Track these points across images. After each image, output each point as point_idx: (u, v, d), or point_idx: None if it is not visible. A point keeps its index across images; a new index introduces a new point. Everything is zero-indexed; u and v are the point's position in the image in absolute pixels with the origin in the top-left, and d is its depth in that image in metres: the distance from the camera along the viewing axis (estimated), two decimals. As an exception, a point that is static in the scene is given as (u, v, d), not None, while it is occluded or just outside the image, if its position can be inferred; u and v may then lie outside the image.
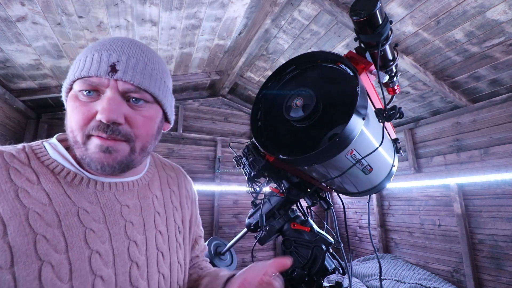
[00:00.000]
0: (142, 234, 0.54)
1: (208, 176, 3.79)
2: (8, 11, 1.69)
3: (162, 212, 0.61)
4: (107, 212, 0.50)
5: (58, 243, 0.43)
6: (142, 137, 0.51)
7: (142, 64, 0.50)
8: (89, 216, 0.48)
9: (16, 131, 2.78)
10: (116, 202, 0.52)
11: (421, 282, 2.66)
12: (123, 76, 0.47)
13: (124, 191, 0.55)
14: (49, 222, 0.43)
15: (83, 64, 0.48)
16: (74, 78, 0.48)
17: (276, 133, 0.79)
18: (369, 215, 0.94)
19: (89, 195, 0.49)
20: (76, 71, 0.48)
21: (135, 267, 0.50)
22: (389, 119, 0.62)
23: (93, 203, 0.49)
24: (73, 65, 0.50)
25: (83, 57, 0.49)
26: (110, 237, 0.49)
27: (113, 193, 0.53)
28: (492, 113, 2.59)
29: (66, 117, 0.50)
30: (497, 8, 1.78)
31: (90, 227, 0.47)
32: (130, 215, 0.53)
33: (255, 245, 0.88)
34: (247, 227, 0.93)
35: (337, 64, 0.72)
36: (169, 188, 0.67)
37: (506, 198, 2.46)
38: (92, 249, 0.46)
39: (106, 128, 0.46)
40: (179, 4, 2.01)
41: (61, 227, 0.44)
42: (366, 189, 0.84)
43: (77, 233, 0.45)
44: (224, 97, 4.09)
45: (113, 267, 0.47)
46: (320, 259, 0.75)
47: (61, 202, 0.46)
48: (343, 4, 2.11)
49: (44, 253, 0.41)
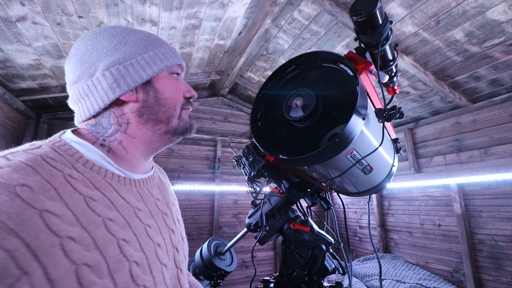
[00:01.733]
0: (173, 223, 0.59)
1: (208, 176, 3.79)
2: (8, 11, 1.69)
3: (175, 204, 0.68)
4: (150, 207, 0.53)
5: (135, 243, 0.45)
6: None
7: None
8: (142, 213, 0.50)
9: (16, 131, 2.78)
10: (151, 197, 0.56)
11: (421, 282, 2.66)
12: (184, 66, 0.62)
13: (152, 186, 0.59)
14: (122, 226, 0.44)
15: (172, 54, 0.58)
16: (175, 63, 0.58)
17: (276, 133, 0.79)
18: (369, 215, 0.94)
19: (134, 193, 0.51)
20: (171, 57, 0.58)
21: (176, 252, 0.56)
22: (389, 119, 0.62)
23: (139, 201, 0.52)
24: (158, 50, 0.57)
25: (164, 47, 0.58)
26: (159, 229, 0.52)
27: (146, 188, 0.56)
28: (492, 113, 2.59)
29: (160, 96, 0.55)
30: (497, 8, 1.78)
31: (147, 223, 0.50)
32: (163, 207, 0.58)
33: (255, 245, 0.88)
34: (247, 227, 0.93)
35: (337, 64, 0.72)
36: (166, 182, 0.73)
37: (506, 198, 2.46)
38: (155, 242, 0.49)
39: (190, 101, 0.61)
40: (179, 4, 2.01)
41: (131, 228, 0.46)
42: (366, 189, 0.84)
43: (142, 230, 0.48)
44: (224, 97, 4.09)
45: (167, 255, 0.52)
46: (320, 259, 0.75)
47: (121, 204, 0.46)
48: (343, 4, 2.11)
49: (130, 255, 0.43)
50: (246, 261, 3.71)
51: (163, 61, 0.56)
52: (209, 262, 0.95)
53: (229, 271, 0.99)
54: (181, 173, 3.65)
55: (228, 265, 1.01)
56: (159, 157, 3.58)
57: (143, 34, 0.58)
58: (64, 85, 2.74)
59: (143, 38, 0.56)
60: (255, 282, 0.80)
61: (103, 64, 0.51)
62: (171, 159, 3.65)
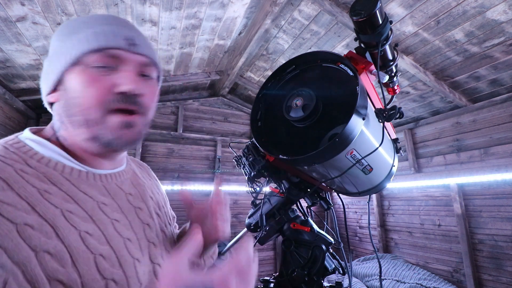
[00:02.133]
0: (150, 217, 0.56)
1: (208, 176, 3.79)
2: (8, 11, 1.69)
3: (154, 197, 0.63)
4: (119, 202, 0.51)
5: (99, 236, 0.43)
6: (151, 111, 0.52)
7: (148, 41, 0.52)
8: (108, 208, 0.48)
9: (16, 131, 2.76)
10: (121, 192, 0.53)
11: (421, 282, 2.65)
12: (143, 50, 0.48)
13: (123, 181, 0.55)
14: (83, 218, 0.42)
15: (97, 36, 0.45)
16: (88, 49, 0.44)
17: (276, 133, 0.79)
18: (369, 215, 0.94)
19: (99, 188, 0.49)
20: (88, 42, 0.44)
21: (153, 247, 0.53)
22: (389, 119, 0.62)
23: (105, 196, 0.49)
24: (71, 40, 0.46)
25: (90, 30, 0.45)
26: (130, 224, 0.50)
27: (115, 184, 0.53)
28: (492, 113, 2.59)
29: (69, 96, 0.46)
30: (497, 8, 1.78)
31: (114, 217, 0.47)
32: (136, 202, 0.55)
33: (255, 245, 0.88)
34: (247, 227, 0.93)
35: (337, 64, 0.72)
36: (148, 177, 0.69)
37: (506, 198, 2.46)
38: (124, 237, 0.47)
39: (129, 99, 0.46)
40: (179, 4, 2.01)
41: (94, 221, 0.44)
42: (366, 189, 0.84)
43: (108, 225, 0.46)
44: (224, 97, 4.09)
45: (140, 249, 0.49)
46: (320, 259, 0.75)
47: (81, 198, 0.44)
48: (343, 4, 2.11)
49: (93, 247, 0.41)
50: (246, 261, 3.71)
51: (68, 53, 0.45)
52: (209, 262, 0.94)
53: (229, 271, 0.99)
54: (181, 173, 3.65)
55: (228, 265, 1.01)
56: (159, 157, 3.58)
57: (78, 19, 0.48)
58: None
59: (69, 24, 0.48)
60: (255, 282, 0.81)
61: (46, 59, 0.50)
62: (171, 159, 3.65)
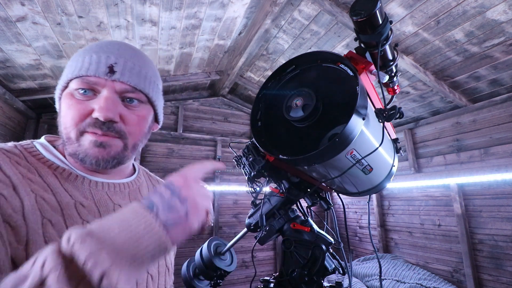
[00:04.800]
0: None
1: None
2: (8, 11, 1.69)
3: None
4: (101, 208, 0.52)
5: (62, 229, 0.44)
6: (135, 135, 0.54)
7: (138, 67, 0.54)
8: (85, 209, 0.49)
9: (16, 131, 2.78)
10: (109, 201, 0.54)
11: (421, 282, 2.66)
12: (120, 77, 0.51)
13: (116, 192, 0.56)
14: (54, 208, 0.45)
15: (81, 64, 0.50)
16: (72, 76, 0.50)
17: (276, 133, 0.79)
18: (369, 215, 0.94)
19: (84, 191, 0.51)
20: (74, 70, 0.50)
21: None
22: (389, 119, 0.62)
23: (88, 199, 0.51)
24: (70, 65, 0.53)
25: (81, 58, 0.52)
26: None
27: (105, 192, 0.54)
28: (492, 113, 2.59)
29: (60, 115, 0.53)
30: (497, 8, 1.78)
31: (87, 219, 0.48)
32: None
33: (255, 245, 0.88)
34: (247, 227, 0.93)
35: (337, 64, 0.71)
36: None
37: (506, 198, 2.46)
38: None
39: (102, 125, 0.49)
40: (179, 4, 2.01)
41: (63, 215, 0.45)
42: (366, 189, 0.84)
43: (77, 223, 0.46)
44: (224, 97, 4.09)
45: None
46: (320, 259, 0.75)
47: (61, 193, 0.48)
48: (343, 4, 2.11)
49: (50, 237, 0.42)
50: (246, 261, 3.71)
51: (63, 78, 0.53)
52: (209, 262, 0.95)
53: (229, 271, 0.99)
54: (181, 173, 3.65)
55: (228, 265, 1.01)
56: (159, 157, 3.58)
57: (86, 47, 0.56)
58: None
59: (77, 52, 0.55)
60: (255, 282, 0.81)
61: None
62: (171, 159, 3.65)
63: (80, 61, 0.51)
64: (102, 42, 0.55)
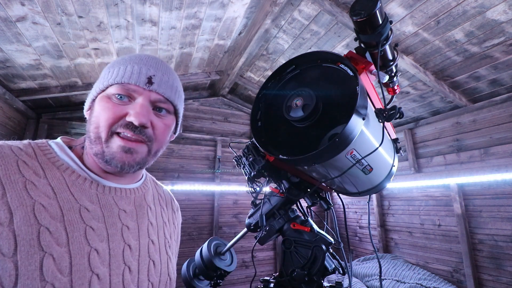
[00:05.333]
0: (136, 239, 0.56)
1: (208, 176, 3.79)
2: (8, 11, 1.69)
3: (155, 223, 0.64)
4: (106, 213, 0.53)
5: (60, 237, 0.44)
6: (159, 141, 0.58)
7: (171, 81, 0.60)
8: (90, 214, 0.50)
9: (16, 131, 2.78)
10: (114, 206, 0.55)
11: (421, 282, 2.65)
12: (157, 88, 0.56)
13: (122, 197, 0.58)
14: (53, 215, 0.45)
15: (123, 72, 0.55)
16: (113, 82, 0.54)
17: (276, 133, 0.79)
18: (369, 215, 0.94)
19: (90, 195, 0.52)
20: (116, 76, 0.55)
21: (128, 271, 0.52)
22: (389, 119, 0.62)
23: (93, 203, 0.52)
24: (109, 71, 0.57)
25: (123, 66, 0.56)
26: (108, 237, 0.51)
27: (112, 197, 0.55)
28: (492, 113, 2.59)
29: (92, 114, 0.55)
30: (497, 8, 1.78)
31: (90, 225, 0.49)
32: (126, 220, 0.56)
33: (255, 245, 0.88)
34: (247, 227, 0.93)
35: (337, 64, 0.71)
36: (159, 205, 0.71)
37: (506, 198, 2.46)
38: (91, 246, 0.47)
39: (135, 128, 0.53)
40: (179, 4, 2.01)
41: (64, 221, 0.46)
42: (366, 189, 0.84)
43: (78, 229, 0.47)
44: (224, 97, 4.09)
45: (108, 266, 0.49)
46: (320, 259, 0.74)
47: (65, 197, 0.48)
48: (343, 4, 2.11)
49: (47, 245, 0.42)
50: (246, 261, 3.71)
51: (102, 82, 0.56)
52: (209, 262, 0.95)
53: (229, 271, 0.99)
54: (181, 173, 3.65)
55: (228, 265, 1.01)
56: (159, 157, 3.56)
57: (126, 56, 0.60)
58: (63, 85, 2.74)
59: (116, 60, 0.60)
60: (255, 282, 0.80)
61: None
62: (171, 159, 3.65)
63: (122, 69, 0.55)
64: (141, 55, 0.60)
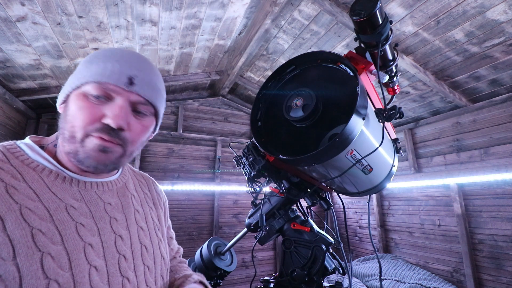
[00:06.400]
0: (125, 229, 0.57)
1: (208, 176, 3.79)
2: (8, 11, 1.69)
3: (141, 210, 0.65)
4: (92, 208, 0.53)
5: (54, 236, 0.45)
6: (135, 143, 0.56)
7: (153, 82, 0.57)
8: (77, 211, 0.50)
9: (16, 131, 2.78)
10: (99, 200, 0.55)
11: (421, 282, 2.65)
12: (139, 90, 0.53)
13: (105, 190, 0.58)
14: (42, 217, 0.45)
15: (102, 70, 0.51)
16: (91, 80, 0.51)
17: (276, 133, 0.79)
18: (369, 215, 0.94)
19: (73, 192, 0.52)
20: (93, 74, 0.51)
21: (123, 259, 0.54)
22: (389, 119, 0.62)
23: (78, 200, 0.52)
24: (87, 67, 0.53)
25: (102, 64, 0.52)
26: (98, 231, 0.52)
27: (94, 192, 0.56)
28: (492, 113, 2.59)
29: (67, 113, 0.53)
30: (497, 8, 1.78)
31: (79, 221, 0.49)
32: (113, 212, 0.57)
33: (255, 245, 0.88)
34: (247, 227, 0.93)
35: (337, 64, 0.71)
36: (142, 191, 0.71)
37: (506, 198, 2.46)
38: (85, 241, 0.48)
39: (111, 131, 0.51)
40: (179, 4, 2.01)
41: (53, 221, 0.46)
42: (366, 189, 0.84)
43: (69, 226, 0.47)
44: (224, 97, 4.09)
45: (103, 258, 0.50)
46: (320, 259, 0.75)
47: (49, 198, 0.48)
48: (343, 4, 2.11)
49: (43, 245, 0.43)
50: (246, 261, 3.71)
51: (78, 78, 0.53)
52: (209, 262, 0.95)
53: (229, 271, 0.99)
54: (181, 173, 3.65)
55: (228, 265, 1.01)
56: (159, 157, 3.58)
57: (105, 51, 0.56)
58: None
59: (95, 54, 0.56)
60: (255, 282, 0.80)
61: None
62: (171, 159, 3.65)
63: (101, 67, 0.52)
64: (122, 52, 0.56)
